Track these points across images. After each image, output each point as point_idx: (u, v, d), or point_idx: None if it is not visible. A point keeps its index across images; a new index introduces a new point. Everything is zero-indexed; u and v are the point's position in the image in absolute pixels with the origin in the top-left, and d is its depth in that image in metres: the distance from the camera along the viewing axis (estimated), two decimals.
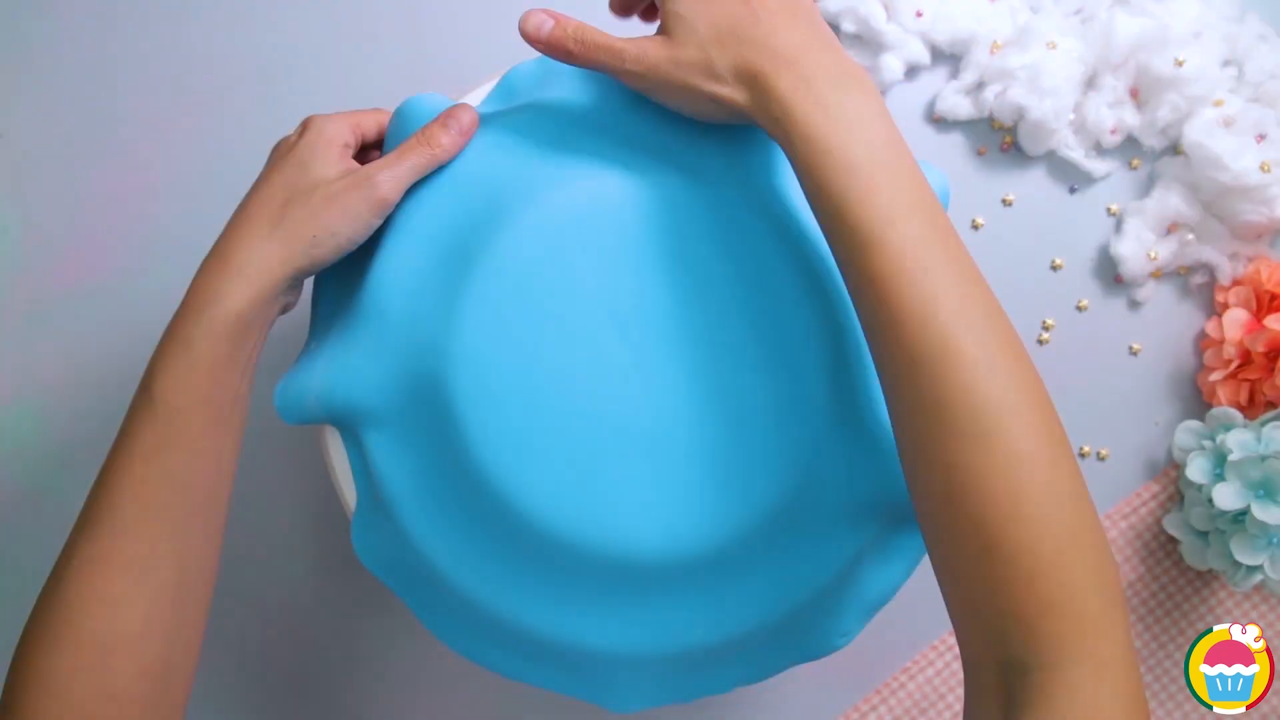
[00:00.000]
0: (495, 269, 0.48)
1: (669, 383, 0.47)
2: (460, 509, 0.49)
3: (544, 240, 0.48)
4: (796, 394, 0.48)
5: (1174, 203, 0.69)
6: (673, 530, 0.47)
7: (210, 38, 0.72)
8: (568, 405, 0.47)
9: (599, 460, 0.47)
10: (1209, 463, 0.65)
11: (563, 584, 0.49)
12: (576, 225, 0.48)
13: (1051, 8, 0.70)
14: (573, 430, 0.47)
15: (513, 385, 0.47)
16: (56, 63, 0.72)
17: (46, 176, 0.71)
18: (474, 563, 0.50)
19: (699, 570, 0.48)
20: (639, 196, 0.48)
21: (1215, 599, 0.70)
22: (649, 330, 0.48)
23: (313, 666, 0.70)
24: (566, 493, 0.47)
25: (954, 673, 0.70)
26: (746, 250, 0.48)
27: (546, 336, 0.47)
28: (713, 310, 0.48)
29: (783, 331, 0.48)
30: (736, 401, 0.47)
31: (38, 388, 0.70)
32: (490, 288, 0.48)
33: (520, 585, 0.49)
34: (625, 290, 0.48)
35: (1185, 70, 0.67)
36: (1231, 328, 0.67)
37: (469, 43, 0.72)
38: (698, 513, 0.47)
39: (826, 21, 0.71)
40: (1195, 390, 0.71)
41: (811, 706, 0.70)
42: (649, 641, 0.49)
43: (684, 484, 0.47)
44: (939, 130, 0.71)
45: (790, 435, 0.47)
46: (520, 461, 0.47)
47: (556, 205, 0.48)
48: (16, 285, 0.71)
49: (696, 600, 0.49)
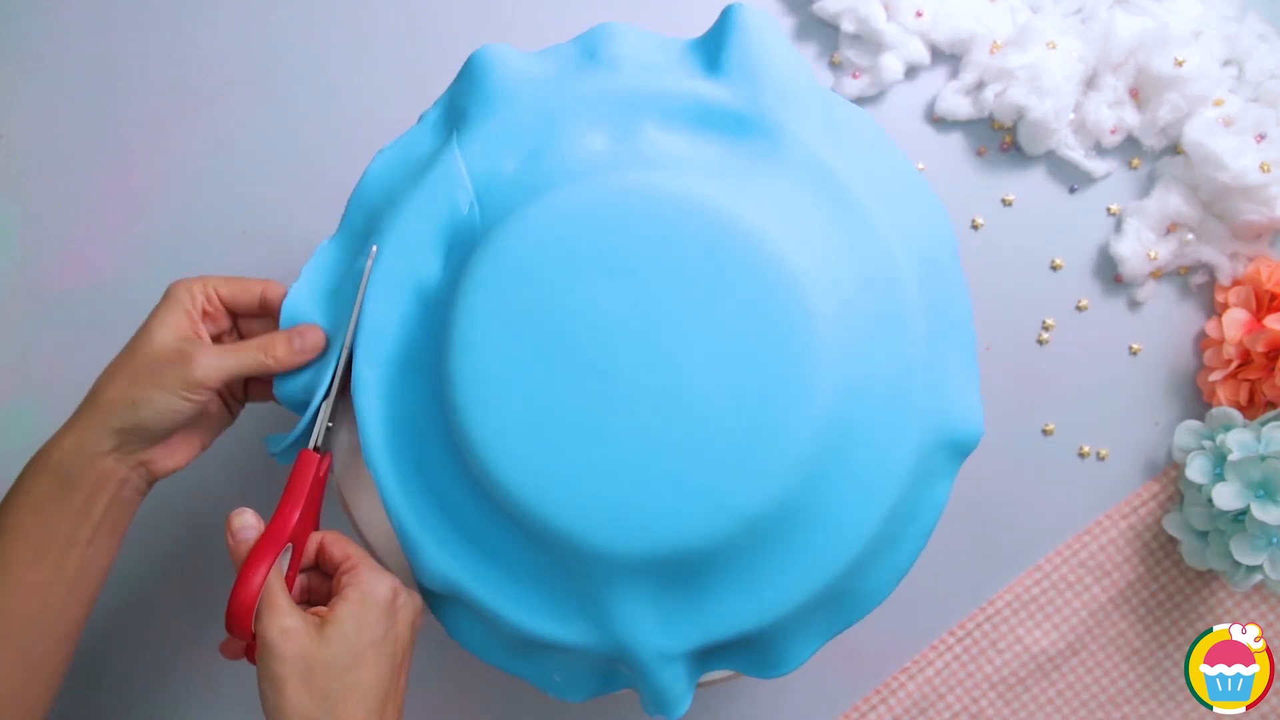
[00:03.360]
0: (491, 272, 0.48)
1: (670, 380, 0.47)
2: (457, 507, 0.50)
3: (539, 243, 0.48)
4: (793, 384, 0.47)
5: (1174, 203, 0.69)
6: (677, 526, 0.47)
7: (210, 37, 0.72)
8: (569, 403, 0.47)
9: (603, 461, 0.47)
10: (1209, 463, 0.65)
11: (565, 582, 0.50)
12: (573, 227, 0.48)
13: (1051, 8, 0.70)
14: (578, 432, 0.47)
15: (513, 388, 0.48)
16: (56, 63, 0.72)
17: (46, 176, 0.71)
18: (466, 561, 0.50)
19: (714, 560, 0.48)
20: (638, 197, 0.48)
21: (1215, 599, 0.70)
22: (648, 330, 0.48)
23: None
24: (568, 492, 0.47)
25: (954, 673, 0.70)
26: (743, 248, 0.48)
27: (546, 339, 0.48)
28: (711, 307, 0.48)
29: (778, 324, 0.48)
30: (734, 396, 0.47)
31: (38, 388, 0.70)
32: (487, 288, 0.48)
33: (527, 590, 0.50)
34: (625, 290, 0.48)
35: (1185, 70, 0.67)
36: (1231, 328, 0.67)
37: (469, 43, 0.71)
38: (701, 508, 0.47)
39: (827, 21, 0.71)
40: (1195, 390, 0.71)
41: (811, 706, 0.70)
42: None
43: (688, 479, 0.47)
44: (939, 130, 0.71)
45: (789, 426, 0.47)
46: (530, 470, 0.47)
47: (555, 206, 0.48)
48: (16, 285, 0.71)
49: (735, 583, 0.49)
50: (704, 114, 0.51)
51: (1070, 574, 0.70)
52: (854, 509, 0.49)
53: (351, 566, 0.49)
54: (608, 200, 0.48)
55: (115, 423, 0.49)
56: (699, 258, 0.48)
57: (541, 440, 0.47)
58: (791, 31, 0.72)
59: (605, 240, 0.48)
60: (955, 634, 0.70)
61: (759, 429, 0.47)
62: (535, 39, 0.70)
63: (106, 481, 0.50)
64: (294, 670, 0.45)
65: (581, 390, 0.47)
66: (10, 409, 0.70)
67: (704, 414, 0.47)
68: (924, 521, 0.52)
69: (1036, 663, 0.70)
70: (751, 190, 0.49)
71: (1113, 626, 0.70)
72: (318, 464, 0.51)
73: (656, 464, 0.47)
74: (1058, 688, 0.70)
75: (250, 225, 0.71)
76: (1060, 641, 0.70)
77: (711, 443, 0.47)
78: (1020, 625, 0.70)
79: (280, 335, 0.52)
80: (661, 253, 0.48)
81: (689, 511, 0.47)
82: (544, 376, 0.47)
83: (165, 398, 0.49)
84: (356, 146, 0.70)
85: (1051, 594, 0.70)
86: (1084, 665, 0.70)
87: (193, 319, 0.51)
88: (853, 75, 0.70)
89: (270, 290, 0.53)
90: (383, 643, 0.47)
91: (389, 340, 0.51)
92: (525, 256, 0.48)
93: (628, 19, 0.63)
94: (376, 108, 0.71)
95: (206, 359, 0.50)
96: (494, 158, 0.51)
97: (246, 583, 0.46)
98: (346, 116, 0.71)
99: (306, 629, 0.46)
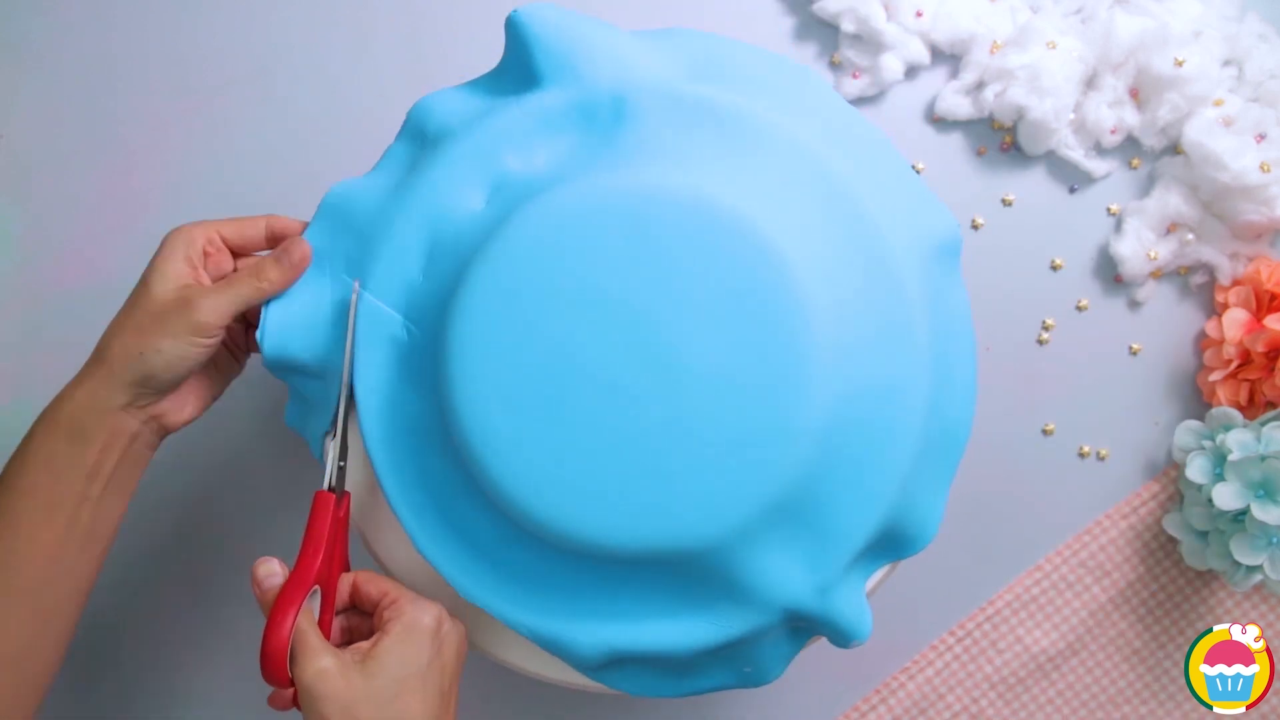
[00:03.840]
0: (491, 270, 0.48)
1: (668, 378, 0.47)
2: (455, 506, 0.50)
3: (540, 239, 0.48)
4: (794, 379, 0.47)
5: (1174, 202, 0.69)
6: (683, 522, 0.47)
7: (210, 37, 0.72)
8: (569, 402, 0.47)
9: (604, 458, 0.47)
10: (1209, 463, 0.65)
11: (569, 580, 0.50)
12: (573, 225, 0.48)
13: (1051, 7, 0.70)
14: (575, 428, 0.47)
15: (512, 388, 0.48)
16: (56, 63, 0.72)
17: (46, 176, 0.71)
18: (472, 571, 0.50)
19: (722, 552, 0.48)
20: (637, 197, 0.48)
21: (1215, 599, 0.70)
22: (647, 329, 0.48)
23: None
24: (570, 493, 0.47)
25: (954, 673, 0.70)
26: (741, 248, 0.48)
27: (545, 335, 0.48)
28: (710, 306, 0.48)
29: (778, 319, 0.48)
30: (735, 390, 0.47)
31: (38, 388, 0.70)
32: (487, 287, 0.48)
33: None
34: (624, 290, 0.48)
35: (1185, 70, 0.67)
36: (1231, 328, 0.67)
37: (469, 43, 0.72)
38: (705, 504, 0.47)
39: (827, 21, 0.71)
40: (1195, 390, 0.71)
41: (811, 706, 0.70)
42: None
43: (691, 474, 0.47)
44: (939, 130, 0.71)
45: (789, 423, 0.47)
46: (524, 465, 0.47)
47: (554, 205, 0.48)
48: (16, 285, 0.71)
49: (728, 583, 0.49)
50: (556, 123, 0.51)
51: (1070, 574, 0.70)
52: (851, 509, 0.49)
53: (392, 600, 0.49)
54: (599, 202, 0.48)
55: (126, 376, 0.49)
56: (690, 252, 0.48)
57: (547, 451, 0.47)
58: (791, 31, 0.72)
59: (602, 242, 0.48)
60: (955, 634, 0.70)
61: (761, 426, 0.47)
62: None
63: (119, 436, 0.50)
64: (336, 709, 0.44)
65: (584, 397, 0.47)
66: (10, 409, 0.70)
67: (706, 411, 0.47)
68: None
69: (1036, 663, 0.70)
70: (740, 181, 0.49)
71: (1113, 626, 0.70)
72: (334, 505, 0.50)
73: (666, 461, 0.47)
74: (1058, 688, 0.70)
75: None
76: (1060, 641, 0.70)
77: (714, 439, 0.47)
78: (1020, 625, 0.70)
79: (267, 258, 0.51)
80: (656, 250, 0.48)
81: (697, 507, 0.47)
82: (546, 387, 0.47)
83: (174, 345, 0.49)
84: (356, 146, 0.70)
85: (1051, 594, 0.70)
86: (1084, 665, 0.70)
87: (192, 264, 0.51)
88: (853, 75, 0.70)
89: (275, 222, 0.53)
90: (429, 671, 0.47)
91: (382, 369, 0.51)
92: (521, 262, 0.48)
93: (628, 19, 0.63)
94: (376, 108, 0.71)
95: (204, 301, 0.49)
96: (405, 270, 0.51)
97: (276, 628, 0.45)
98: (346, 116, 0.71)
99: (343, 667, 0.45)
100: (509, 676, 0.60)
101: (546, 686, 0.57)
